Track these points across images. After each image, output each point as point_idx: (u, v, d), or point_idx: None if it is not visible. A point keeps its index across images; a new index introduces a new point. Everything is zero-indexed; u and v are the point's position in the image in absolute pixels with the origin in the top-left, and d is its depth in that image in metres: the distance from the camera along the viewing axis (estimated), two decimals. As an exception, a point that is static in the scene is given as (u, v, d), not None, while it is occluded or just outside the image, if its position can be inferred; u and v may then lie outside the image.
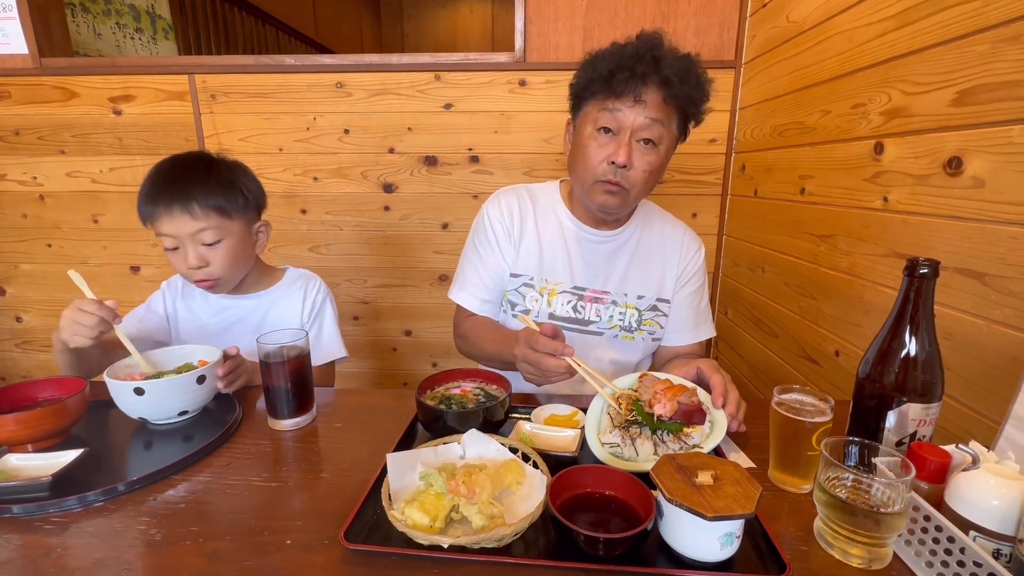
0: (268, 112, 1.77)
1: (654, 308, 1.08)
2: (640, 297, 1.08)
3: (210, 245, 0.97)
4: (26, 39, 1.71)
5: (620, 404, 0.77)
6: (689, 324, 1.10)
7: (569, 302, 1.07)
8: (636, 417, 0.75)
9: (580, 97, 0.96)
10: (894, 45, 0.96)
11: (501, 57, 1.70)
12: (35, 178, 1.87)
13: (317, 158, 1.82)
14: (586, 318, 1.07)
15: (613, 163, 0.91)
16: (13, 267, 1.96)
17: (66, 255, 1.94)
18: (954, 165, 0.83)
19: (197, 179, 0.96)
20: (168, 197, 0.93)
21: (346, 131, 1.79)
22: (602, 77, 0.89)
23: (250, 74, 1.74)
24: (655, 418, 0.73)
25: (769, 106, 1.45)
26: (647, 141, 0.91)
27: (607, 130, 0.92)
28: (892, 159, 0.97)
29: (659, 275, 1.09)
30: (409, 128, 1.78)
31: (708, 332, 1.13)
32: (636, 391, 0.79)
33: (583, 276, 1.07)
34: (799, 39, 1.29)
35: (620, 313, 1.07)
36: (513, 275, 1.08)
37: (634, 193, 0.95)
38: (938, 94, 0.86)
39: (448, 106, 1.75)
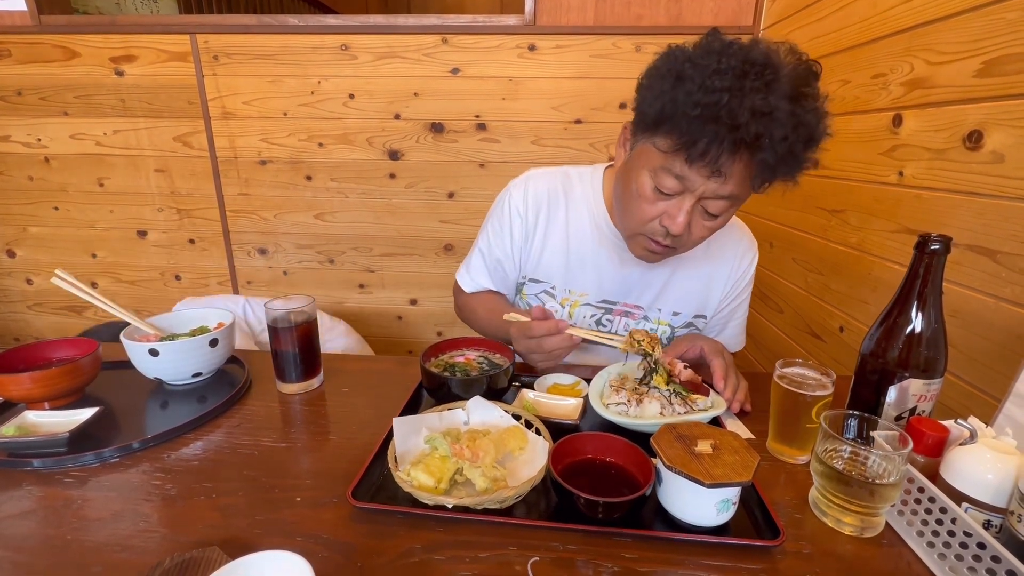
0: (272, 74, 1.74)
1: (689, 325, 0.98)
2: (676, 314, 0.97)
3: None
4: (24, -5, 1.67)
5: (640, 341, 0.74)
6: (712, 334, 1.01)
7: (593, 316, 0.97)
8: (654, 356, 0.74)
9: (647, 123, 0.72)
10: (920, 11, 0.92)
11: (510, 20, 1.65)
12: (39, 140, 1.86)
13: (322, 123, 1.79)
14: (612, 331, 0.97)
15: (665, 226, 0.76)
16: (22, 230, 1.98)
17: (73, 218, 1.94)
18: (974, 139, 0.81)
19: None
20: None
21: (351, 96, 1.75)
22: (682, 123, 0.65)
23: (253, 35, 1.70)
24: (668, 375, 0.74)
25: (786, 75, 1.40)
26: (713, 213, 0.75)
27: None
28: (910, 132, 0.95)
29: (702, 290, 0.96)
30: (415, 93, 1.74)
31: (735, 345, 1.00)
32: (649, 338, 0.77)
33: (614, 288, 0.96)
34: (821, 4, 1.24)
35: (651, 329, 0.97)
36: (533, 280, 0.99)
37: (681, 251, 0.84)
38: (963, 64, 0.83)
39: (455, 71, 1.71)
